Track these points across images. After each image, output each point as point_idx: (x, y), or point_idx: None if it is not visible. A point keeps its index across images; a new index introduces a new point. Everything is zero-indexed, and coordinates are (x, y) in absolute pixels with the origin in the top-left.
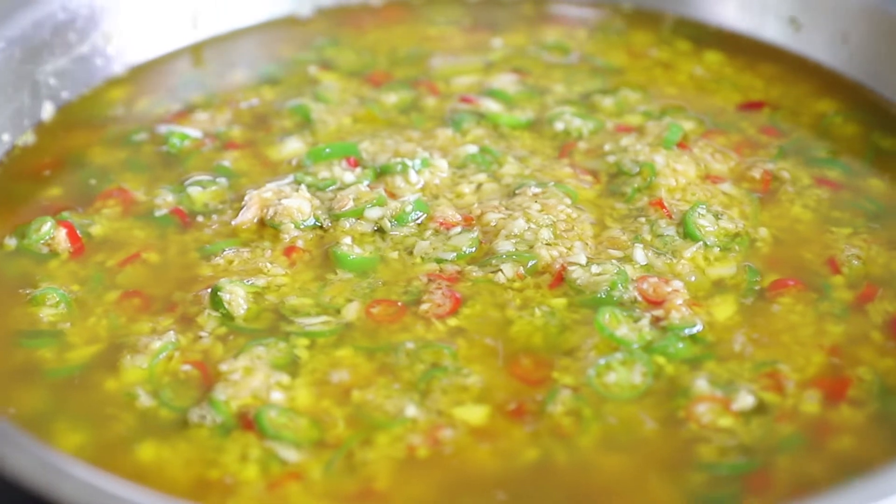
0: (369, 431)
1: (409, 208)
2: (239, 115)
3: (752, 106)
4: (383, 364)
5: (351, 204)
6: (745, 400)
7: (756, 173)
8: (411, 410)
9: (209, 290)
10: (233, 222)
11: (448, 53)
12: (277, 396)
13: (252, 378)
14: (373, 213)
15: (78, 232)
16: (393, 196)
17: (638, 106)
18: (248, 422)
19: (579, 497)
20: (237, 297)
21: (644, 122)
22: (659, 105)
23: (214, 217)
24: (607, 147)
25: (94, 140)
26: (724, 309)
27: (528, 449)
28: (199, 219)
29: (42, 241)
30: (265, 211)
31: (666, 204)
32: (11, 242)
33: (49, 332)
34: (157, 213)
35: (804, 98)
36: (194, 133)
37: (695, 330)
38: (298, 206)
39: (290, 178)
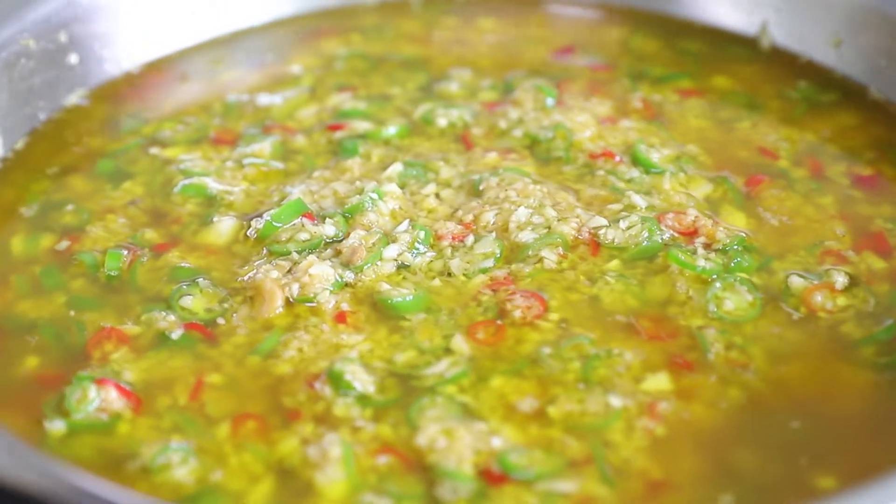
0: (599, 435)
1: (422, 235)
2: (133, 217)
3: (564, 52)
4: (539, 377)
5: (365, 252)
6: (840, 278)
7: (636, 104)
8: (616, 401)
9: (321, 381)
10: (263, 314)
11: (263, 93)
12: (498, 442)
13: (459, 439)
14: (391, 251)
15: (124, 385)
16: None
17: (480, 82)
18: (495, 476)
19: (806, 405)
20: (359, 373)
21: (504, 95)
22: (496, 76)
23: (234, 318)
24: (503, 125)
25: (8, 297)
26: (736, 218)
27: (729, 389)
28: (221, 322)
29: (95, 409)
30: (287, 291)
31: (611, 151)
32: (57, 426)
33: (206, 489)
34: (174, 336)
35: (592, 33)
36: (121, 251)
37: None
38: (323, 272)
39: (263, 253)
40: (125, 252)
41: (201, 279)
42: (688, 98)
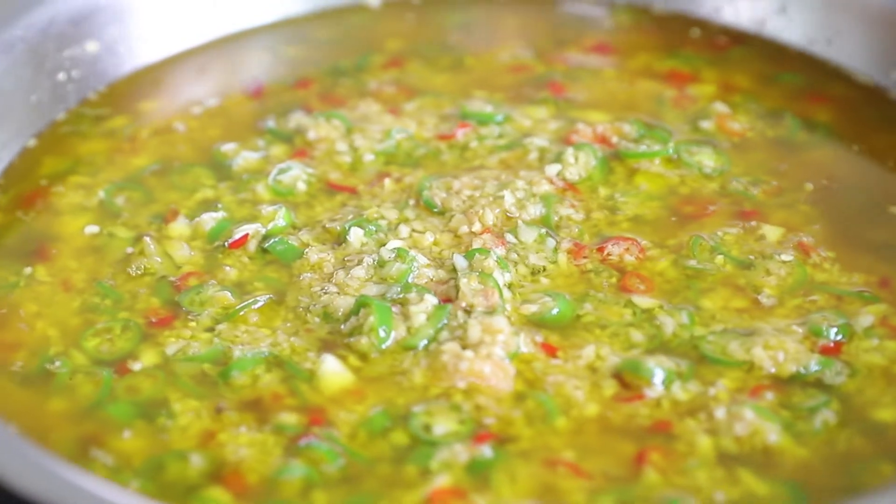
0: (811, 281)
1: (501, 252)
2: (244, 421)
3: (258, 90)
4: (717, 280)
5: (496, 293)
6: (720, 106)
7: (388, 90)
8: (785, 256)
9: (651, 388)
10: (505, 391)
11: (115, 264)
12: (798, 328)
13: (782, 344)
14: (500, 279)
15: None
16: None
17: (257, 142)
18: (830, 348)
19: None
20: (658, 360)
21: (294, 142)
22: (258, 132)
23: (492, 409)
24: (347, 159)
25: None
26: (595, 116)
27: (800, 208)
28: (489, 421)
29: None
30: (498, 359)
31: (465, 122)
32: None
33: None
34: (488, 455)
35: (249, 62)
36: (317, 441)
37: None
38: (503, 323)
39: (418, 349)
40: (320, 442)
41: (416, 407)
42: (402, 66)
